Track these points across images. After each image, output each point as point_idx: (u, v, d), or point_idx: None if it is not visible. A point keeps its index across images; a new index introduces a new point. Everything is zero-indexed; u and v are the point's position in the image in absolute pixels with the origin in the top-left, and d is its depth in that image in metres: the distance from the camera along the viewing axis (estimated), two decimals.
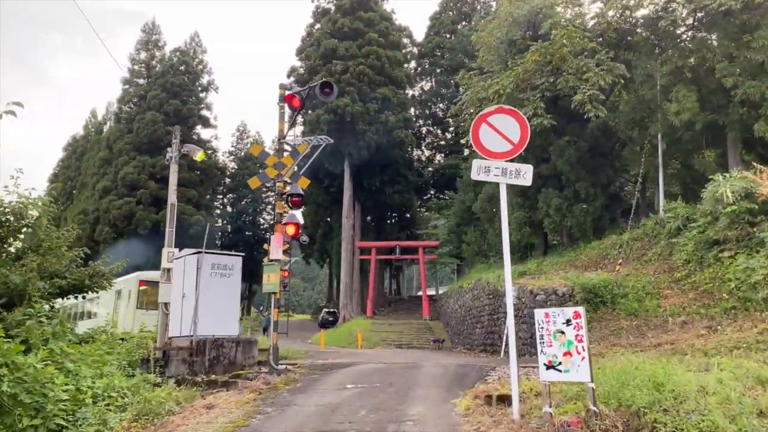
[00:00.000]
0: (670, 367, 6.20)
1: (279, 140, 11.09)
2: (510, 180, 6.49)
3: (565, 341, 5.48)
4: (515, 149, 6.56)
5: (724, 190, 17.81)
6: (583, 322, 5.44)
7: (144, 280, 19.89)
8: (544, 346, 5.68)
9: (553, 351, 5.58)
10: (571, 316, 5.52)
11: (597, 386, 5.48)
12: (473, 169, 6.53)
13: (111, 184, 50.15)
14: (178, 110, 52.13)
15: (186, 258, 12.49)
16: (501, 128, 6.59)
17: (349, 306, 44.32)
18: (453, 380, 8.80)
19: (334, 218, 49.84)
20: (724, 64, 19.36)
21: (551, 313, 5.69)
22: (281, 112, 11.27)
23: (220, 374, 11.37)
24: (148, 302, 19.11)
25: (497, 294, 23.03)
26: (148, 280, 19.78)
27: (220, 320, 12.08)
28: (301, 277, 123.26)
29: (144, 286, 19.71)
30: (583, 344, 5.37)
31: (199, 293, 11.92)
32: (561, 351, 5.51)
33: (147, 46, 59.46)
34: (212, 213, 58.11)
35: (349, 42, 45.24)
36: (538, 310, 5.87)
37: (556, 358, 5.55)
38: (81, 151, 70.26)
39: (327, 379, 9.41)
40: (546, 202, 26.43)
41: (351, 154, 44.68)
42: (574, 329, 5.44)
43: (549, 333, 5.63)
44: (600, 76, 20.56)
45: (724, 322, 15.26)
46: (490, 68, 26.22)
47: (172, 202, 14.31)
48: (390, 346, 30.07)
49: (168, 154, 14.55)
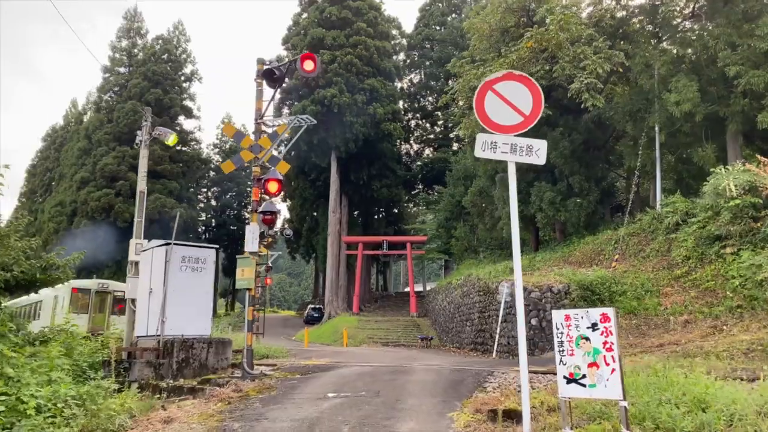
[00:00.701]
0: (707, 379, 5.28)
1: (256, 120, 10.04)
2: (520, 158, 5.51)
3: (590, 350, 4.53)
4: (526, 122, 5.58)
5: (727, 183, 17.05)
6: (613, 326, 4.49)
7: (76, 288, 22.31)
8: (564, 355, 4.72)
9: (576, 361, 4.62)
10: (597, 319, 4.56)
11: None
12: (477, 144, 5.54)
13: (89, 175, 48.57)
14: (159, 100, 50.60)
15: (153, 250, 11.37)
16: (510, 97, 5.59)
17: (334, 302, 43.29)
18: (447, 388, 7.83)
19: (321, 212, 48.73)
20: (727, 52, 18.59)
21: (573, 316, 4.72)
22: (258, 89, 10.20)
23: (190, 378, 10.31)
24: (79, 306, 22.08)
25: (488, 291, 22.15)
26: (79, 287, 22.62)
27: (190, 318, 11.00)
28: (287, 273, 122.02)
29: (75, 293, 22.38)
30: (613, 353, 4.41)
31: (168, 289, 10.83)
32: (585, 361, 4.56)
33: (128, 33, 57.67)
34: (195, 206, 56.67)
35: (337, 31, 44.09)
36: (557, 311, 4.91)
37: (578, 369, 4.59)
38: (60, 142, 68.44)
39: (306, 386, 8.39)
40: (539, 195, 25.61)
41: (338, 146, 43.58)
42: (601, 335, 4.49)
43: (570, 339, 4.67)
44: (598, 64, 19.70)
45: (729, 322, 14.50)
46: (482, 56, 25.26)
47: (141, 190, 13.17)
48: (376, 344, 29.10)
49: (138, 138, 13.40)
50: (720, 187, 17.23)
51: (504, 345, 18.90)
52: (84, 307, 22.15)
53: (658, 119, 21.38)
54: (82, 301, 22.29)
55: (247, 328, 9.57)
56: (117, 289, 23.22)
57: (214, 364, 10.72)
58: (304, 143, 44.79)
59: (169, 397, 8.74)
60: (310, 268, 79.81)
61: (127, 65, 56.11)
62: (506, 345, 18.75)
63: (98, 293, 23.00)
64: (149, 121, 13.52)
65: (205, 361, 10.63)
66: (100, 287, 23.34)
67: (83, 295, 22.37)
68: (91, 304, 22.53)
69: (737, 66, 18.26)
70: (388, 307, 45.58)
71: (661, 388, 5.15)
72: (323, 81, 42.08)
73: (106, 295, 23.14)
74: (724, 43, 18.81)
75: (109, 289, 23.54)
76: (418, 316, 37.88)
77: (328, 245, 44.21)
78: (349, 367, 11.25)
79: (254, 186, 9.92)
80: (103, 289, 23.33)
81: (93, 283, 23.68)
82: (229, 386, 8.48)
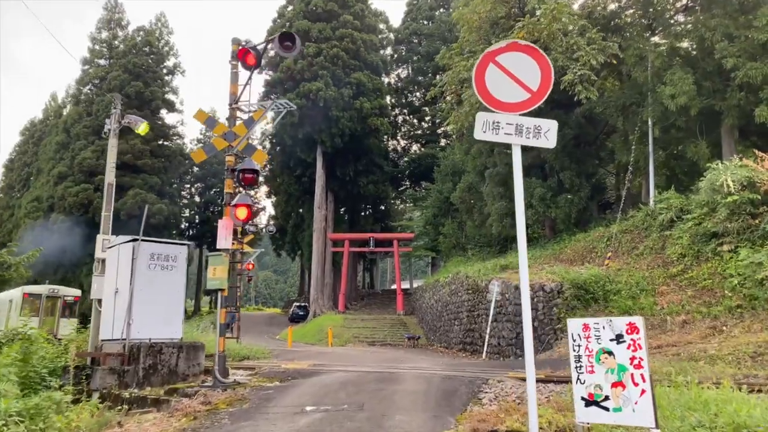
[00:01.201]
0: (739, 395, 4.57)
1: (230, 105, 9.19)
2: (527, 140, 4.76)
3: (614, 366, 3.81)
4: (534, 99, 4.83)
5: (725, 179, 16.50)
6: (642, 339, 3.77)
7: (27, 293, 24.17)
8: (582, 372, 3.99)
9: (596, 379, 3.90)
10: (623, 330, 3.84)
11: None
12: (477, 124, 4.78)
13: (67, 169, 47.20)
14: (140, 92, 49.31)
15: (120, 246, 10.48)
16: (515, 71, 4.84)
17: (320, 300, 42.44)
18: (439, 399, 7.08)
19: (306, 209, 47.80)
20: (724, 44, 18.04)
21: (593, 326, 3.99)
22: (233, 72, 9.35)
23: (158, 386, 9.46)
24: (30, 310, 23.34)
25: (477, 289, 21.50)
26: (31, 292, 24.45)
27: (159, 321, 10.13)
28: (273, 270, 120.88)
29: (27, 297, 23.91)
30: (642, 371, 3.70)
31: (135, 288, 9.95)
32: (608, 380, 3.84)
33: (109, 25, 56.16)
34: (177, 202, 55.40)
35: (323, 24, 43.14)
36: (574, 320, 4.17)
37: (600, 390, 3.87)
38: (39, 136, 66.76)
39: (283, 397, 7.60)
40: (529, 191, 24.95)
41: (324, 141, 42.69)
42: (628, 349, 3.77)
43: (590, 353, 3.95)
44: (591, 56, 19.07)
45: (729, 322, 13.94)
46: (472, 48, 24.52)
47: (109, 182, 12.24)
48: (362, 344, 28.34)
49: (106, 126, 12.46)
50: (717, 183, 16.68)
51: (494, 346, 18.24)
52: (35, 310, 23.63)
53: (652, 113, 20.83)
54: (34, 305, 23.82)
55: (219, 333, 8.73)
56: (66, 294, 25.76)
57: (185, 371, 9.88)
58: (289, 138, 43.86)
59: (132, 409, 7.91)
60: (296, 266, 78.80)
61: (108, 57, 54.65)
62: (496, 346, 18.10)
63: (48, 298, 24.72)
64: (119, 109, 12.60)
65: (174, 368, 9.78)
66: (51, 292, 25.23)
67: (34, 300, 24.01)
68: (42, 308, 24.04)
69: (734, 58, 17.72)
70: (375, 304, 44.86)
71: (688, 407, 4.45)
72: (309, 74, 41.17)
73: (56, 299, 24.99)
74: (720, 34, 18.26)
75: (59, 294, 25.50)
76: (404, 314, 37.19)
77: (313, 242, 43.34)
78: (332, 373, 10.47)
79: (227, 177, 9.09)
80: (53, 294, 25.23)
81: (44, 289, 25.42)
82: (197, 397, 7.66)
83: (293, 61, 41.76)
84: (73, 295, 26.37)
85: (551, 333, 16.42)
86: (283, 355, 20.77)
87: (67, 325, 22.27)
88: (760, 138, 21.24)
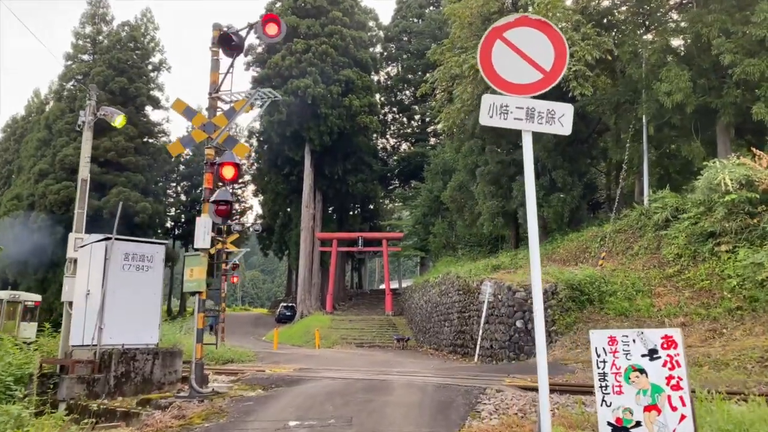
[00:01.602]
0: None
1: (210, 94, 8.56)
2: (539, 126, 4.22)
3: (647, 387, 3.27)
4: (547, 80, 4.28)
5: (723, 177, 16.13)
6: (680, 355, 3.22)
7: None
8: (607, 393, 3.43)
9: (626, 402, 3.34)
10: (657, 344, 3.29)
11: None
12: (482, 108, 4.22)
13: (48, 167, 46.06)
14: (125, 89, 48.26)
15: (92, 246, 9.79)
16: (525, 48, 4.29)
17: (307, 300, 41.74)
18: (434, 413, 6.52)
19: (294, 208, 47.07)
20: (722, 39, 17.67)
21: (621, 339, 3.43)
22: (214, 59, 8.71)
23: (130, 395, 8.81)
24: None
25: (468, 290, 21.00)
26: None
27: (133, 325, 9.47)
28: (261, 270, 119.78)
29: None
30: (681, 393, 3.15)
31: (107, 290, 9.28)
32: (640, 403, 3.31)
33: (93, 19, 54.96)
34: (162, 200, 54.37)
35: (312, 20, 42.45)
36: (598, 332, 3.62)
37: (630, 414, 3.32)
38: (21, 133, 65.27)
39: (264, 409, 7.00)
40: (521, 190, 24.47)
41: (312, 139, 42.01)
42: (663, 367, 3.23)
43: (617, 371, 3.39)
44: (586, 51, 18.67)
45: (729, 325, 13.54)
46: (463, 44, 24.02)
47: (83, 178, 11.53)
48: (350, 345, 27.74)
49: (80, 118, 11.74)
50: (715, 181, 16.31)
51: (486, 348, 17.73)
52: None
53: (647, 110, 20.44)
54: None
55: (196, 339, 8.10)
56: (27, 299, 26.95)
57: (161, 379, 9.22)
58: (276, 136, 43.12)
59: (99, 423, 7.27)
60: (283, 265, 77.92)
61: (91, 53, 53.51)
62: (489, 348, 17.59)
63: (9, 303, 25.61)
64: (94, 100, 11.89)
65: (149, 376, 9.13)
66: (12, 297, 26.30)
67: None
68: (3, 312, 24.78)
69: (732, 54, 17.35)
70: (363, 305, 44.25)
71: (718, 427, 3.93)
72: (297, 71, 40.46)
73: (16, 304, 25.94)
74: (717, 30, 17.90)
75: (20, 299, 26.60)
76: (393, 314, 36.63)
77: (301, 241, 42.65)
78: (318, 380, 9.87)
79: (206, 171, 8.46)
80: (14, 299, 26.32)
81: (5, 294, 26.42)
82: (171, 410, 7.03)
83: (281, 58, 41.06)
84: (33, 299, 27.45)
85: (546, 335, 15.92)
86: (269, 358, 20.12)
87: (27, 329, 24.03)
88: (755, 136, 20.93)
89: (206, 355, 17.36)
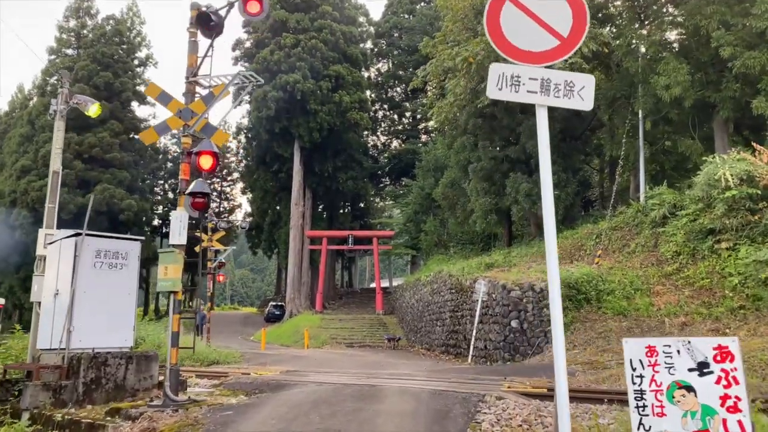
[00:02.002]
0: None
1: (187, 78, 7.93)
2: (556, 100, 3.65)
3: (696, 408, 2.71)
4: (564, 47, 3.71)
5: (723, 173, 15.70)
6: (738, 370, 2.66)
7: None
8: (645, 414, 2.84)
9: (668, 425, 2.76)
10: (709, 355, 2.73)
11: None
12: (490, 79, 3.65)
13: (31, 163, 44.95)
14: (110, 83, 47.20)
15: (61, 242, 9.11)
16: (539, 12, 3.71)
17: (296, 300, 41.06)
18: (430, 423, 5.95)
19: (283, 206, 46.32)
20: (721, 32, 17.24)
21: (663, 349, 2.84)
22: (192, 41, 8.07)
23: (101, 403, 8.16)
24: None
25: (461, 289, 20.46)
26: None
27: (106, 327, 8.81)
28: (250, 268, 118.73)
29: None
30: (740, 417, 2.60)
31: (77, 290, 8.62)
32: (686, 428, 2.74)
33: (77, 13, 53.74)
34: (148, 198, 53.33)
35: (301, 14, 41.70)
36: (632, 340, 3.03)
37: None
38: (4, 129, 63.84)
39: (244, 420, 6.39)
40: (514, 187, 24.03)
41: (301, 136, 41.29)
42: (717, 384, 2.67)
43: (658, 388, 2.81)
44: (583, 43, 18.11)
45: (732, 324, 13.10)
46: (456, 38, 23.48)
47: (55, 170, 10.83)
48: (340, 345, 27.13)
49: (52, 107, 11.05)
50: (715, 177, 15.88)
51: (480, 349, 17.20)
52: None
53: (644, 105, 20.01)
54: None
55: (171, 343, 7.46)
56: None
57: (135, 385, 8.58)
58: (265, 132, 42.36)
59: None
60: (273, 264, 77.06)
61: (75, 47, 52.34)
62: (483, 349, 17.05)
63: None
64: (66, 88, 11.20)
65: (122, 382, 8.48)
66: None
67: None
68: None
69: (732, 47, 16.92)
70: (353, 304, 43.64)
71: None
72: (286, 66, 39.72)
73: None
74: (717, 22, 17.47)
75: None
76: (384, 313, 36.06)
77: (290, 240, 41.95)
78: (305, 384, 9.27)
79: (183, 161, 7.82)
80: None
81: None
82: (141, 421, 6.41)
83: (269, 53, 40.31)
84: None
85: (542, 336, 15.43)
86: (256, 359, 19.48)
87: None
88: (753, 132, 20.60)
89: (190, 357, 16.71)
